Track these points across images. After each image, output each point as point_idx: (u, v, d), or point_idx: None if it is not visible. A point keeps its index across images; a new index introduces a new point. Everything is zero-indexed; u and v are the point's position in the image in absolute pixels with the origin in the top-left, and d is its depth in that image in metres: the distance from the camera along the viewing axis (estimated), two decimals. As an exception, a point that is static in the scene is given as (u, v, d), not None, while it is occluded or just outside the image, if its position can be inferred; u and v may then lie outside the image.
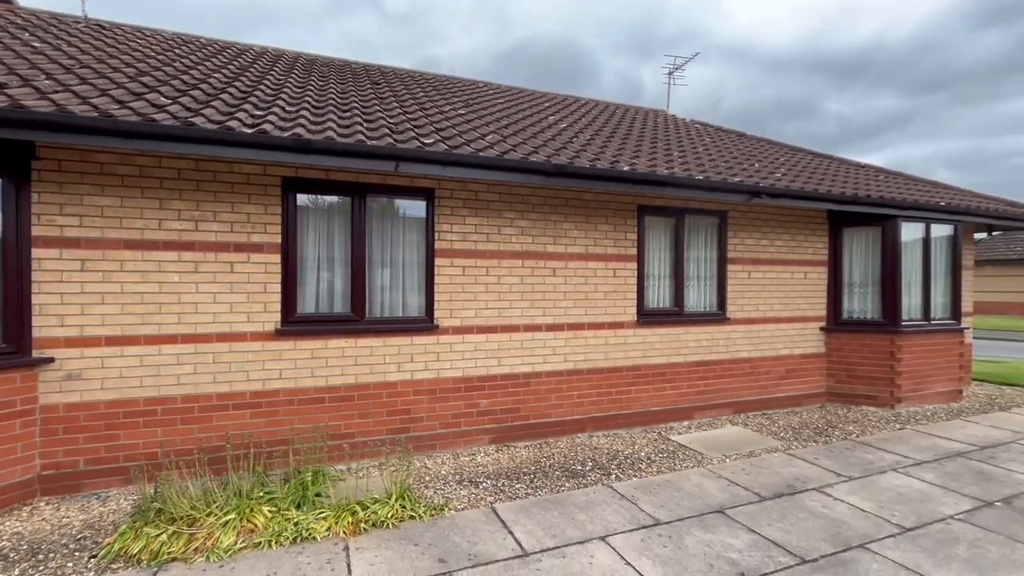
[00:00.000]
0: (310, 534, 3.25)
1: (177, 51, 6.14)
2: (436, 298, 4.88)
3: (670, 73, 10.61)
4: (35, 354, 3.70)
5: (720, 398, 6.27)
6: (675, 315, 6.02)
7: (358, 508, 3.51)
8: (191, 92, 4.37)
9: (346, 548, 3.15)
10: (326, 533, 3.28)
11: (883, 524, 3.57)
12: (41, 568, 2.92)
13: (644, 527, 3.48)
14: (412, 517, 3.52)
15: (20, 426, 3.63)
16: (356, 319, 4.62)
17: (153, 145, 3.48)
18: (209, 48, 6.77)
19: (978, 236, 8.57)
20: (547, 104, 8.26)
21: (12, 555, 3.04)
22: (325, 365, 4.50)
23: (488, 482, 4.23)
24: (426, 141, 4.38)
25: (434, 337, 4.87)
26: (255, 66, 6.28)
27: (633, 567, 3.00)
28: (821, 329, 6.96)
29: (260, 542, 3.15)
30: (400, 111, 5.46)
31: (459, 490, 4.06)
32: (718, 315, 6.27)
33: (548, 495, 3.99)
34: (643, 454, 4.96)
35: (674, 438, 5.47)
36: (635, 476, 4.40)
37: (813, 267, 6.90)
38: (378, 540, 3.25)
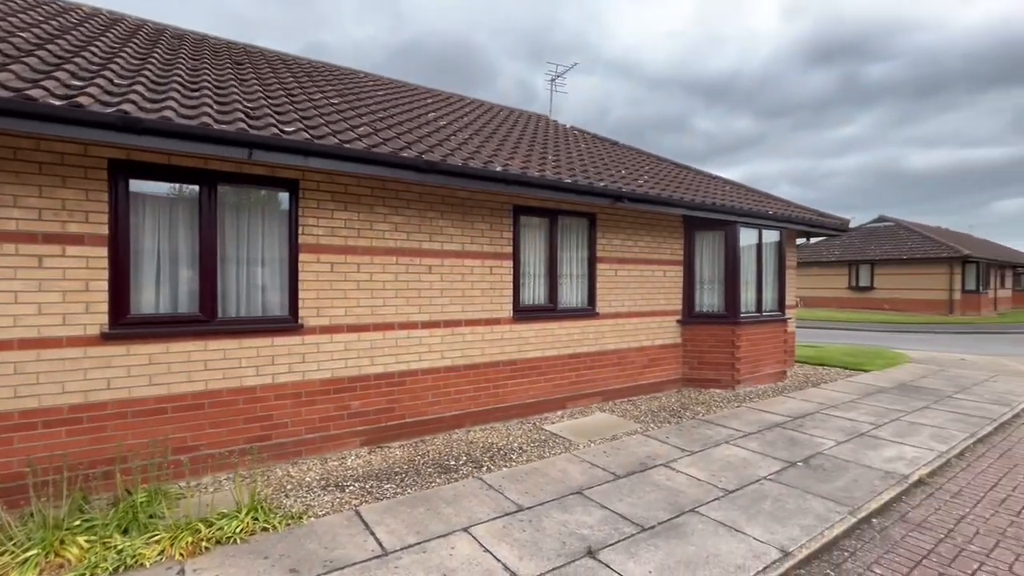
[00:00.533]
0: (137, 561, 2.89)
1: (-29, 1, 5.09)
2: (301, 296, 4.62)
3: (552, 80, 11.12)
4: None
5: (591, 388, 6.72)
6: (549, 311, 6.33)
7: (201, 526, 3.20)
8: (-17, 51, 3.65)
9: (181, 571, 2.86)
10: (157, 558, 2.95)
11: (712, 489, 4.08)
12: None
13: (507, 514, 3.62)
14: (265, 529, 3.30)
15: None
16: (206, 319, 4.20)
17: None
18: (16, 1, 5.71)
19: (800, 241, 10.16)
20: (430, 101, 8.21)
21: None
22: (167, 371, 4.03)
23: (356, 485, 4.10)
24: (286, 129, 4.12)
25: (299, 337, 4.60)
26: (81, 28, 5.42)
27: (491, 553, 3.10)
28: (678, 322, 7.76)
29: (70, 577, 2.74)
30: (262, 95, 5.07)
31: (323, 496, 3.88)
32: (588, 310, 6.71)
33: (417, 492, 3.98)
34: (516, 445, 5.15)
35: (547, 428, 5.75)
36: (505, 467, 4.55)
37: (671, 266, 7.67)
38: (221, 558, 2.99)
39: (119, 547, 2.95)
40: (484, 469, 4.47)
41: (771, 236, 8.33)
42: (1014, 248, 39.70)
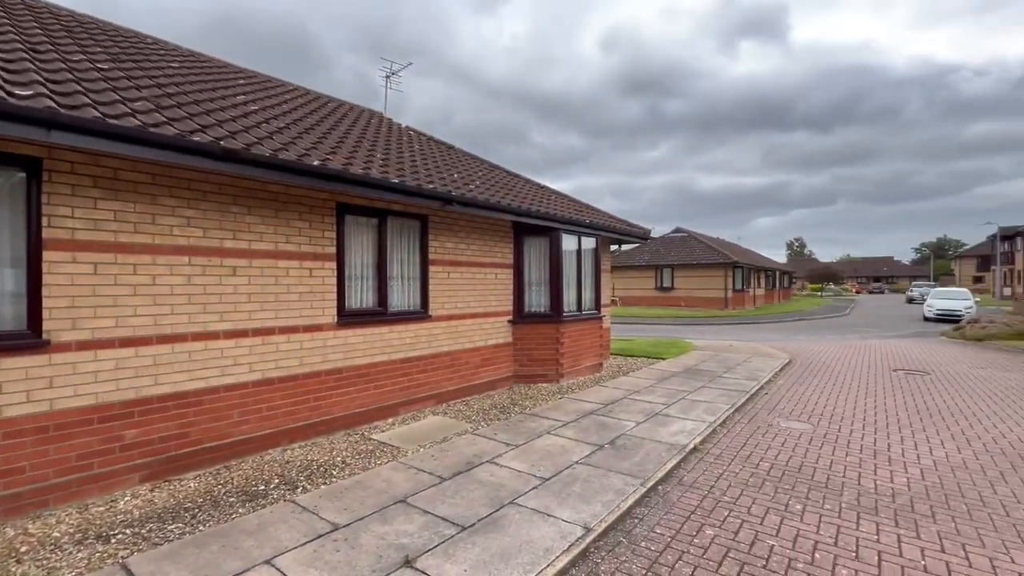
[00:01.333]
0: None
1: None
2: (47, 305, 3.66)
3: (387, 77, 10.80)
4: None
5: (425, 391, 6.64)
6: (379, 315, 6.09)
7: None
8: None
9: None
10: None
11: (530, 479, 4.34)
12: None
13: (320, 536, 3.34)
14: (-25, 611, 2.52)
15: None
16: None
17: None
18: None
19: (613, 247, 11.50)
20: (243, 82, 7.29)
21: None
22: None
23: (127, 532, 3.39)
24: (19, 92, 3.23)
25: (44, 356, 3.64)
26: None
27: (296, 583, 2.83)
28: (509, 322, 8.14)
29: None
30: (16, 48, 3.91)
31: (76, 553, 3.12)
32: (421, 313, 6.63)
33: (212, 528, 3.45)
34: (340, 459, 4.82)
35: (375, 437, 5.51)
36: (325, 484, 4.22)
37: (502, 269, 8.01)
38: None
39: None
40: (299, 490, 4.08)
41: (589, 242, 9.26)
42: (766, 256, 50.87)
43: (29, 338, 3.58)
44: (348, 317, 5.72)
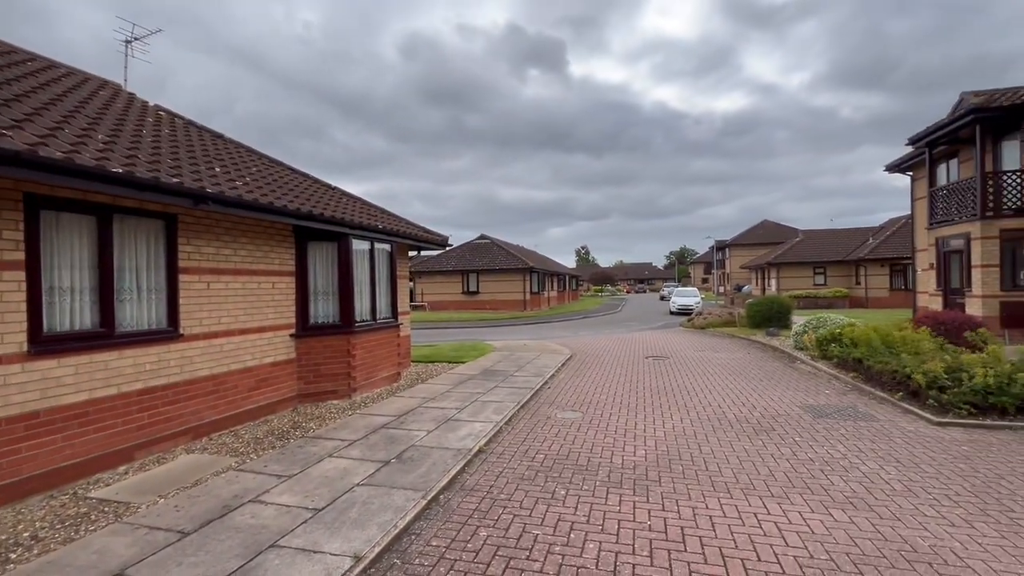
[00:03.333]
0: None
1: None
2: None
3: (127, 43, 8.79)
4: None
5: (175, 426, 5.50)
6: (100, 337, 4.81)
7: None
8: None
9: None
10: None
11: (301, 513, 3.89)
12: None
13: (-35, 656, 2.40)
14: None
15: None
16: None
17: None
18: None
19: (412, 254, 11.41)
20: None
21: None
22: None
23: None
24: None
25: None
26: None
27: None
28: (291, 336, 7.34)
29: None
30: None
31: None
32: (168, 332, 5.48)
33: None
34: (28, 534, 3.62)
35: (95, 494, 4.32)
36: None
37: (281, 277, 7.18)
38: None
39: None
40: (-59, 594, 2.91)
41: (384, 248, 8.97)
42: (558, 262, 57.33)
43: None
44: (48, 344, 4.38)
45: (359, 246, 8.17)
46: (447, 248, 12.58)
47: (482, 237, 39.77)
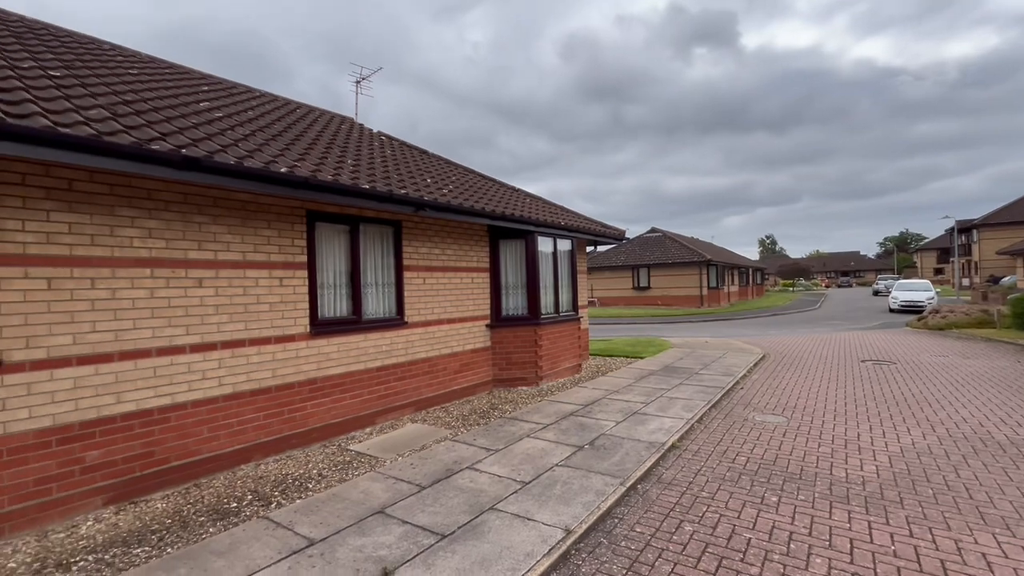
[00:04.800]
0: None
1: None
2: (-2, 323, 3.49)
3: (357, 82, 10.68)
4: None
5: (402, 399, 6.56)
6: (353, 323, 5.99)
7: None
8: None
9: None
10: None
11: (511, 484, 4.31)
12: None
13: (295, 552, 3.25)
14: (-80, 652, 2.36)
15: None
16: None
17: None
18: None
19: (589, 249, 11.58)
20: (206, 88, 7.11)
21: None
22: None
23: (89, 559, 3.24)
24: (-40, 100, 3.07)
25: (-5, 378, 3.47)
26: None
27: (270, 603, 2.74)
28: (487, 326, 8.11)
29: None
30: (-76, 52, 3.71)
31: (33, 583, 2.97)
32: (397, 320, 6.55)
33: (181, 550, 3.32)
34: (315, 472, 4.71)
35: (353, 447, 5.41)
36: (300, 498, 4.11)
37: (479, 273, 7.98)
38: None
39: None
40: (273, 506, 3.97)
41: (565, 244, 9.31)
42: (738, 253, 52.06)
43: (-22, 359, 3.40)
44: (321, 326, 5.61)
45: (543, 243, 8.62)
46: (620, 242, 12.48)
47: (653, 230, 38.29)
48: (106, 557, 3.26)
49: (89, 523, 3.73)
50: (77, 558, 3.25)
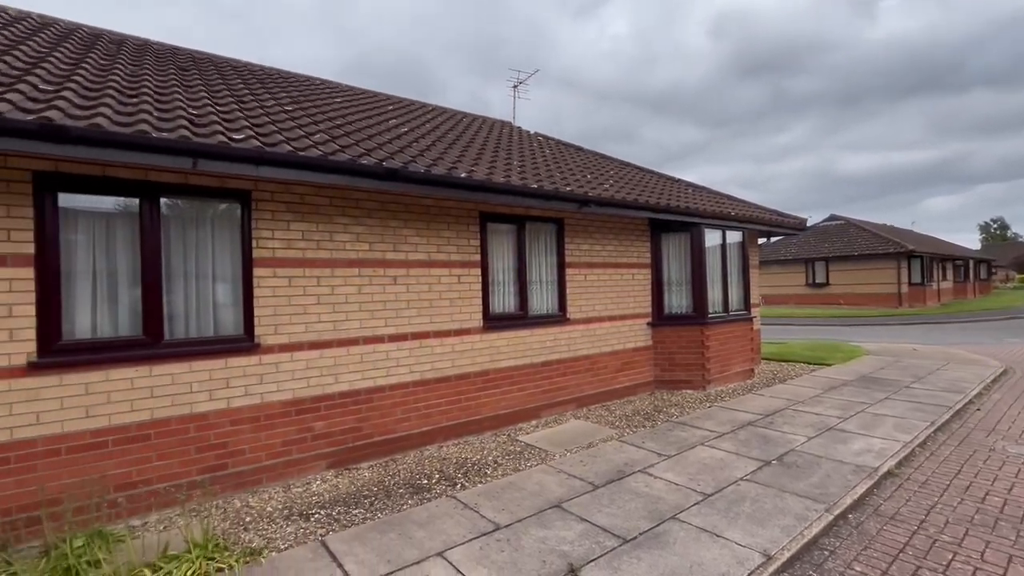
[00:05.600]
0: (71, 617, 2.59)
1: None
2: (257, 313, 4.34)
3: (515, 87, 11.10)
4: None
5: (564, 395, 6.62)
6: (520, 319, 6.21)
7: (147, 572, 2.91)
8: None
9: (122, 625, 2.57)
10: (95, 612, 2.65)
11: (691, 494, 4.03)
12: None
13: (484, 534, 3.45)
14: (220, 570, 3.03)
15: None
16: (150, 342, 3.89)
17: None
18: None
19: (760, 241, 10.40)
20: (391, 107, 8.02)
21: None
22: (107, 401, 3.69)
23: (321, 512, 3.85)
24: (235, 136, 3.87)
25: (255, 357, 4.32)
26: (4, 33, 5.01)
27: (468, 579, 2.93)
28: (648, 324, 7.78)
29: (-10, 643, 2.42)
30: (209, 101, 4.78)
31: (285, 527, 3.62)
32: (559, 316, 6.63)
33: (388, 516, 3.76)
34: (491, 459, 4.99)
35: (522, 438, 5.61)
36: (480, 482, 4.38)
37: (639, 269, 7.69)
38: (170, 606, 2.71)
39: (50, 603, 2.64)
40: (458, 487, 4.29)
41: (735, 236, 8.49)
42: (951, 242, 42.27)
43: (246, 342, 4.27)
44: (493, 321, 5.93)
45: (710, 235, 7.97)
46: (798, 233, 10.96)
47: (833, 218, 33.13)
48: (333, 513, 3.84)
49: (317, 482, 4.45)
50: (313, 510, 3.88)
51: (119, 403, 3.73)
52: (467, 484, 4.34)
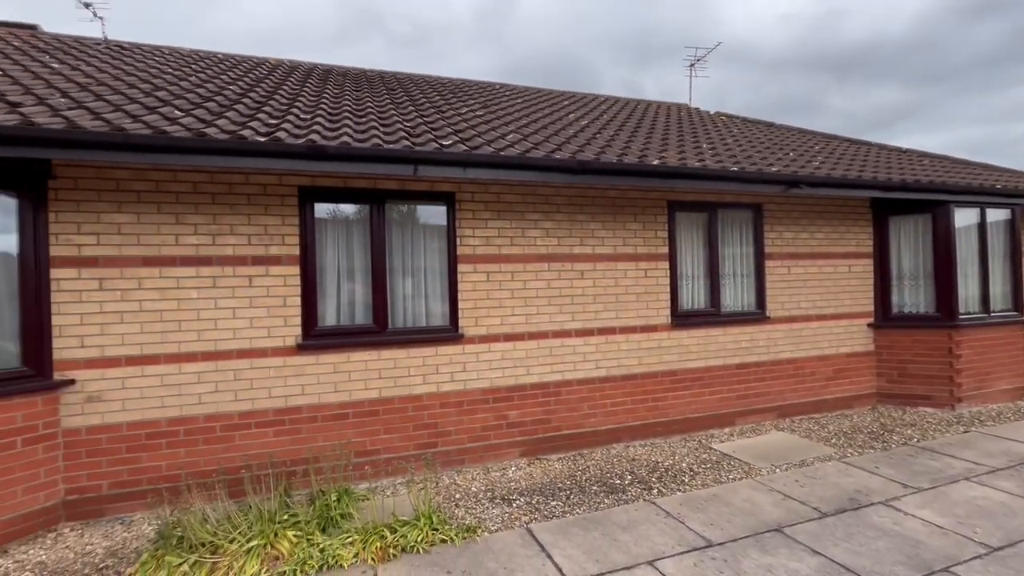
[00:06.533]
0: (337, 561, 3.06)
1: (193, 66, 6.13)
2: (460, 306, 4.69)
3: (691, 65, 10.28)
4: (56, 376, 3.62)
5: (763, 402, 5.89)
6: (711, 315, 5.69)
7: (386, 531, 3.31)
8: (205, 104, 4.29)
9: (374, 577, 2.95)
10: (353, 560, 3.09)
11: (966, 543, 3.19)
12: (61, 602, 2.80)
13: (695, 549, 3.19)
14: (443, 541, 3.31)
15: (43, 451, 3.56)
16: (378, 330, 4.46)
17: (166, 158, 3.38)
18: (225, 63, 6.77)
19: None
20: (567, 103, 8.04)
21: (33, 587, 2.94)
22: (348, 379, 4.34)
23: (522, 499, 3.99)
24: (444, 143, 4.20)
25: (459, 347, 4.67)
26: (270, 78, 6.23)
27: (688, 597, 2.72)
28: (869, 326, 6.51)
29: (285, 571, 2.98)
30: (417, 115, 5.30)
31: (491, 509, 3.83)
32: (757, 314, 5.91)
33: (586, 513, 3.73)
34: (684, 465, 4.65)
35: (716, 447, 5.13)
36: (679, 490, 4.09)
37: (857, 260, 6.47)
38: (409, 567, 3.04)
39: (321, 546, 3.16)
40: (655, 492, 4.07)
41: (998, 215, 6.62)
42: None
43: (452, 332, 4.64)
44: (681, 318, 5.53)
45: (961, 215, 6.33)
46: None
47: None
48: (532, 501, 3.94)
49: (512, 469, 4.64)
50: (513, 496, 4.04)
51: (356, 381, 4.36)
52: (664, 490, 4.10)
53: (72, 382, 3.65)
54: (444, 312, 4.71)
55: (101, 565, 3.15)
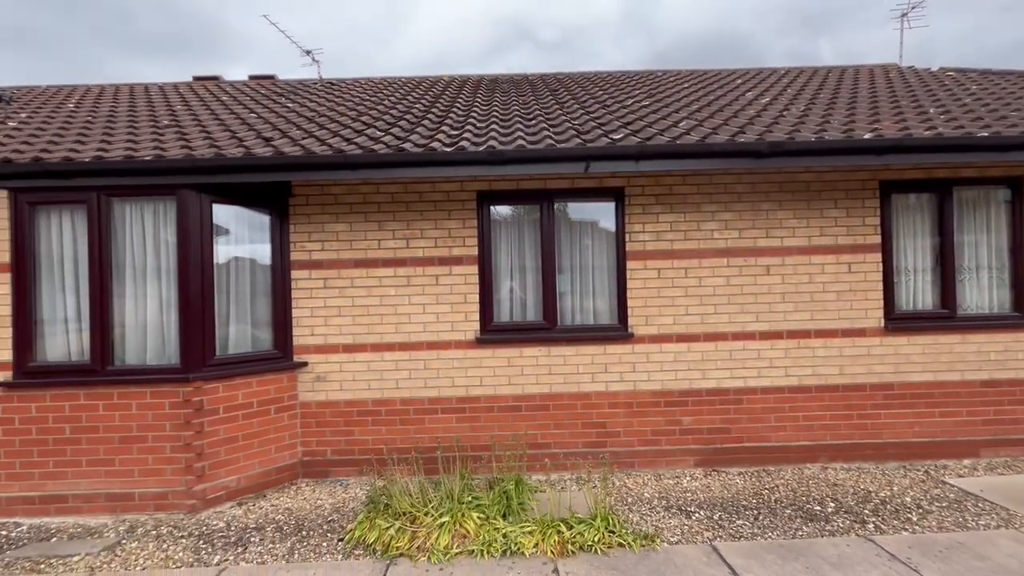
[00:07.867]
0: (518, 548, 3.19)
1: (384, 91, 6.99)
2: (629, 304, 4.54)
3: (903, 15, 8.49)
4: (295, 359, 4.44)
5: (1022, 431, 4.60)
6: (943, 319, 4.62)
7: (562, 526, 3.35)
8: (399, 123, 4.84)
9: (556, 571, 3.00)
10: (533, 550, 3.19)
11: None
12: (304, 543, 3.41)
13: (938, 606, 2.60)
14: (620, 545, 3.23)
15: (287, 418, 4.39)
16: (548, 327, 4.55)
17: (374, 173, 3.90)
18: (408, 85, 7.59)
19: None
20: (739, 80, 7.27)
21: (285, 528, 3.63)
22: (521, 373, 4.52)
23: (701, 512, 3.70)
24: (615, 137, 4.10)
25: (628, 346, 4.53)
26: (446, 93, 6.80)
27: (935, 664, 2.22)
28: None
29: (472, 550, 3.20)
30: (582, 112, 5.28)
31: (668, 518, 3.63)
32: (1014, 318, 4.63)
33: (782, 539, 3.31)
34: (908, 499, 3.85)
35: (952, 481, 4.15)
36: (904, 529, 3.40)
37: None
38: (587, 567, 3.03)
39: (503, 531, 3.32)
40: (871, 527, 3.44)
41: None
42: None
43: (621, 331, 4.53)
44: (898, 320, 4.60)
45: None
46: None
47: None
48: (714, 516, 3.64)
49: (687, 479, 4.35)
50: (691, 508, 3.78)
51: (528, 376, 4.51)
52: (883, 527, 3.44)
53: (305, 364, 4.44)
54: (613, 310, 4.62)
55: (329, 518, 3.77)
